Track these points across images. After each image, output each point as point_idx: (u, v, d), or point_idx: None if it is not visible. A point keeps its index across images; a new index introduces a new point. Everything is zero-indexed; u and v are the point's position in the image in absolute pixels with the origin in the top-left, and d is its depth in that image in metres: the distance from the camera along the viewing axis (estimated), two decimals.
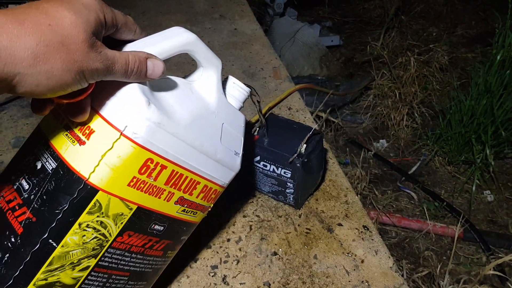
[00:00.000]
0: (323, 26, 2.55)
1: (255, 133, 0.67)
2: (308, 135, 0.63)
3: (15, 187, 0.42)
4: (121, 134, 0.38)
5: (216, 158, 0.47)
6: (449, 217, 1.23)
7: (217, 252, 0.64)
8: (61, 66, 0.30)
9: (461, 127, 1.33)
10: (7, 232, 0.40)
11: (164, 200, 0.44)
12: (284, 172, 0.65)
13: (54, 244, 0.38)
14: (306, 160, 0.63)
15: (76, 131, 0.39)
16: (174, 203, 0.45)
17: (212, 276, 0.60)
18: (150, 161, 0.40)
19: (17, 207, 0.40)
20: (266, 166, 0.66)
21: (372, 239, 0.66)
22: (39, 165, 0.41)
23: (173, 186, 0.44)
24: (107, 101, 0.39)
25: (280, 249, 0.64)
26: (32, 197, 0.40)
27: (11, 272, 0.38)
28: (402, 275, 0.61)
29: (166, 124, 0.40)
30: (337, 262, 0.62)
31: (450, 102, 1.46)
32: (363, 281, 0.59)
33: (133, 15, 1.41)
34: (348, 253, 0.64)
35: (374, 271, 0.61)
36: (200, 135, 0.45)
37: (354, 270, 0.61)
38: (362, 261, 0.62)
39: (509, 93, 1.23)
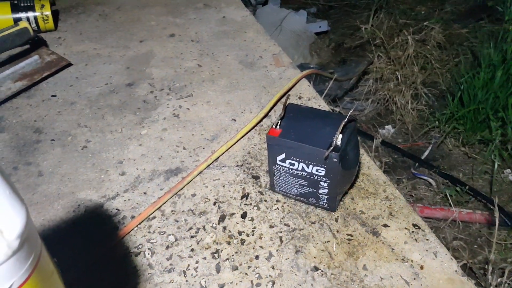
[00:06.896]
0: (308, 12, 2.44)
1: (277, 126, 0.56)
2: (343, 122, 0.52)
3: None
4: None
5: None
6: (473, 202, 1.14)
7: (246, 274, 0.52)
8: None
9: (476, 104, 1.25)
10: None
11: None
12: (317, 170, 0.54)
13: None
14: (343, 153, 0.52)
15: None
16: None
17: None
18: None
19: None
20: (293, 164, 0.55)
21: (427, 239, 0.56)
22: None
23: None
24: None
25: (321, 263, 0.53)
26: None
27: None
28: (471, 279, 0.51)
29: None
30: (392, 271, 0.52)
31: (458, 79, 1.37)
32: None
33: (107, 12, 1.27)
34: (402, 259, 0.53)
35: (438, 277, 0.51)
36: None
37: (414, 279, 0.51)
38: (421, 267, 0.52)
39: None
